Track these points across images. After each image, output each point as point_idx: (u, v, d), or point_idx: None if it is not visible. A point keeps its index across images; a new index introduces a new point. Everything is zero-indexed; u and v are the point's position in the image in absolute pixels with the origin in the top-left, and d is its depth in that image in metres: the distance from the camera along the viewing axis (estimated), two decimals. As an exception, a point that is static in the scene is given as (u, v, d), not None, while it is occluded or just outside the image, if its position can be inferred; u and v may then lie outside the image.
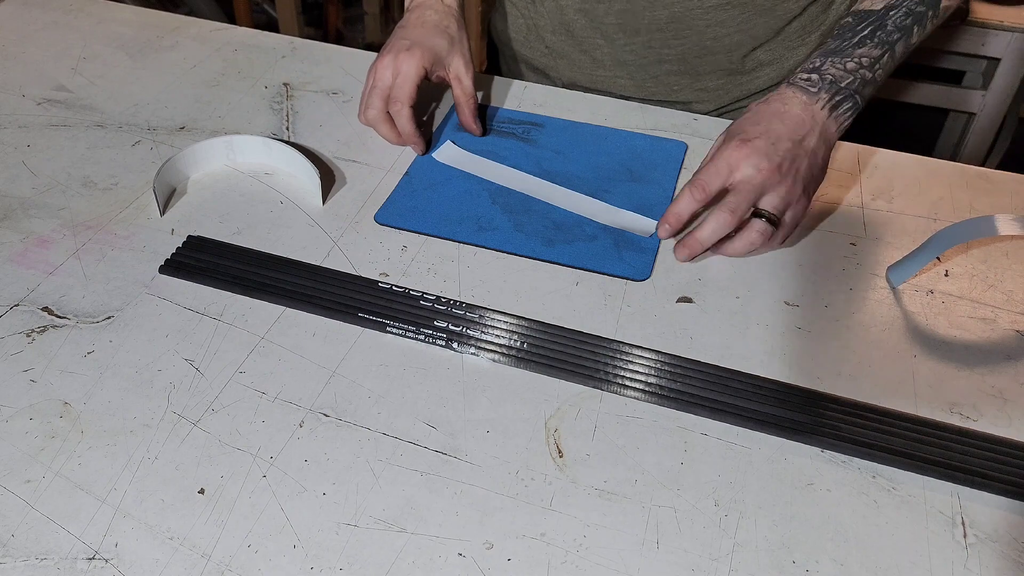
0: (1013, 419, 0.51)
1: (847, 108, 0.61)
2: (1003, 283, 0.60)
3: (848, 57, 0.62)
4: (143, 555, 0.42)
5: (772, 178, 0.58)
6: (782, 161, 0.58)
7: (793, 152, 0.59)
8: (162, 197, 0.64)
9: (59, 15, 0.89)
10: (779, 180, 0.58)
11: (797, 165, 0.58)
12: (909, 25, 0.62)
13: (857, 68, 0.61)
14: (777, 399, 0.51)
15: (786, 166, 0.58)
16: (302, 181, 0.67)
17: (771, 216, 0.58)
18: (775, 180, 0.58)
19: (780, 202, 0.58)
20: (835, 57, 0.62)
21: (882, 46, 0.62)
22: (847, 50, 0.62)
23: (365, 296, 0.56)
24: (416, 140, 0.70)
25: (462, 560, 0.43)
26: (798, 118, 0.60)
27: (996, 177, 0.71)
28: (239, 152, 0.69)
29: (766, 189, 0.58)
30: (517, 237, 0.62)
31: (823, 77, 0.61)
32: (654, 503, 0.46)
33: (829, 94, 0.60)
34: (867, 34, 0.62)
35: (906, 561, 0.44)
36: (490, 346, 0.53)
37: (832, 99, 0.60)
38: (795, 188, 0.58)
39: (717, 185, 0.58)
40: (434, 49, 0.70)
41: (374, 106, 0.69)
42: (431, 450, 0.48)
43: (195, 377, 0.51)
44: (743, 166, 0.58)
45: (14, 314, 0.55)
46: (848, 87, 0.61)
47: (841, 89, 0.61)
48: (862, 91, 0.61)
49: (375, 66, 0.70)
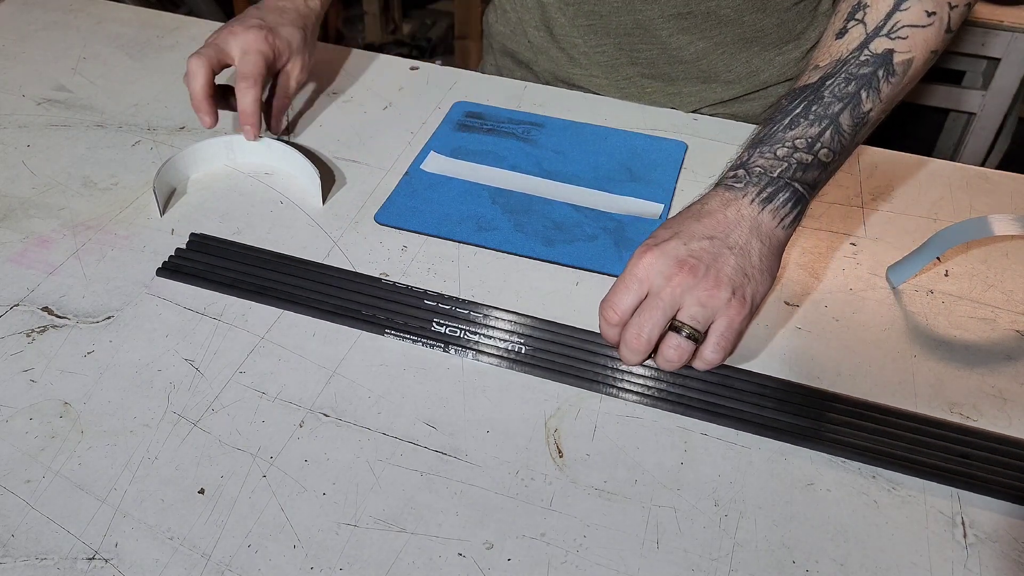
0: (1013, 419, 0.51)
1: (784, 199, 0.51)
2: (1003, 283, 0.60)
3: (778, 143, 0.52)
4: (143, 555, 0.42)
5: (684, 282, 0.49)
6: (697, 262, 0.49)
7: (712, 250, 0.50)
8: (162, 197, 0.64)
9: (59, 15, 0.89)
10: (694, 284, 0.49)
11: (719, 265, 0.49)
12: (852, 92, 0.52)
13: (791, 153, 0.52)
14: (777, 400, 0.51)
15: (702, 266, 0.49)
16: (302, 181, 0.67)
17: (692, 331, 0.49)
18: (689, 284, 0.49)
19: (700, 310, 0.49)
20: (763, 146, 0.53)
21: (820, 122, 0.52)
22: (776, 135, 0.53)
23: (365, 297, 0.56)
24: (253, 122, 0.66)
25: (462, 560, 0.43)
26: (718, 216, 0.51)
27: (996, 177, 0.71)
28: (239, 152, 0.69)
29: (680, 298, 0.49)
30: (517, 237, 0.62)
31: (750, 171, 0.52)
32: (654, 503, 0.46)
33: (757, 188, 0.51)
34: (800, 112, 0.53)
35: (906, 561, 0.44)
36: (490, 349, 0.53)
37: (762, 192, 0.51)
38: (718, 292, 0.48)
39: (629, 303, 0.50)
40: (288, 40, 0.68)
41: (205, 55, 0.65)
42: (431, 450, 0.48)
43: (195, 377, 0.51)
44: (651, 273, 0.49)
45: (14, 314, 0.55)
46: (782, 176, 0.51)
47: (773, 180, 0.51)
48: (802, 178, 0.51)
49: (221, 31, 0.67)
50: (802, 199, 0.52)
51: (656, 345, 0.50)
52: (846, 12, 0.54)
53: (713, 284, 0.49)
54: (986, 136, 1.40)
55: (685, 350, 0.49)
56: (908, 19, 0.52)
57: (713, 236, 0.50)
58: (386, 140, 0.72)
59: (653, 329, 0.49)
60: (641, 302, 0.50)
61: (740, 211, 0.51)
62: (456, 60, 1.47)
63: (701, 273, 0.49)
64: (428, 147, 0.72)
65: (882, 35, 0.52)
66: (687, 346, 0.49)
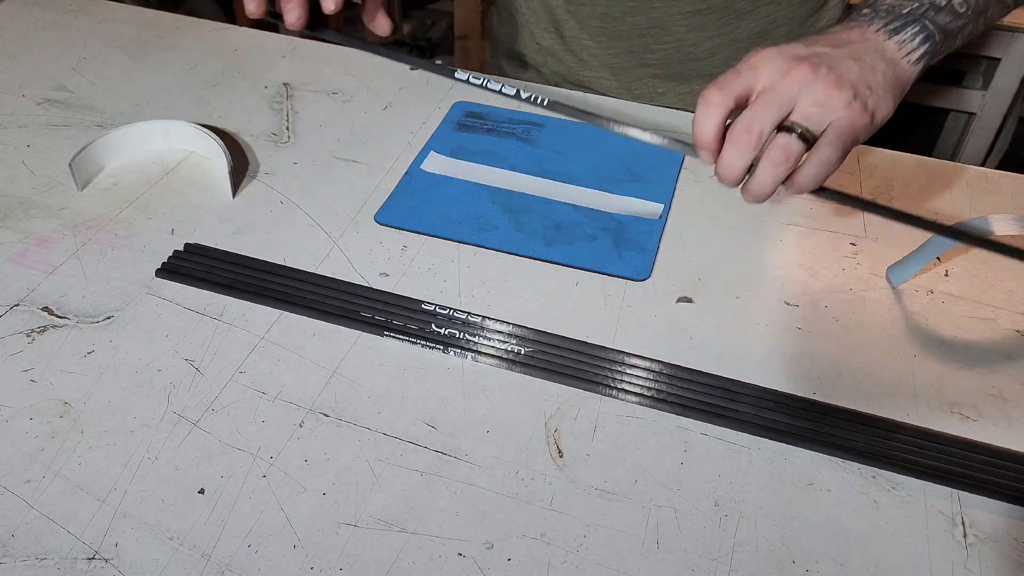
0: (1013, 419, 0.51)
1: (913, 33, 0.48)
2: (1003, 283, 0.60)
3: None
4: (143, 555, 0.42)
5: (802, 77, 0.44)
6: (818, 61, 0.45)
7: (834, 55, 0.46)
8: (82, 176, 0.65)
9: (59, 15, 0.89)
10: (813, 80, 0.44)
11: (840, 69, 0.45)
12: None
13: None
14: (776, 403, 0.51)
15: (824, 65, 0.45)
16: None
17: (804, 131, 0.44)
18: (808, 79, 0.44)
19: (817, 110, 0.44)
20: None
21: None
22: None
23: (363, 303, 0.56)
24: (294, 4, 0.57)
25: (462, 560, 0.43)
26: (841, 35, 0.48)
27: (996, 177, 0.71)
28: (175, 138, 0.70)
29: (795, 94, 0.45)
30: (517, 237, 0.62)
31: (876, 9, 0.50)
32: (654, 503, 0.46)
33: (884, 20, 0.48)
34: None
35: (906, 561, 0.44)
36: (490, 350, 0.53)
37: (889, 24, 0.48)
38: (839, 92, 0.44)
39: (739, 87, 0.46)
40: None
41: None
42: (431, 450, 0.48)
43: (195, 377, 0.51)
44: (766, 66, 0.45)
45: (14, 314, 0.55)
46: (912, 12, 0.48)
47: (902, 15, 0.48)
48: (934, 17, 0.49)
49: None
50: (931, 37, 0.48)
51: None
52: None
53: (834, 83, 0.44)
54: (986, 136, 1.40)
55: (794, 151, 0.44)
56: None
57: (837, 45, 0.47)
58: (386, 140, 0.72)
59: (765, 123, 0.44)
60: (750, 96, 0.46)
61: (865, 34, 0.48)
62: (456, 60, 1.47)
63: (823, 72, 0.44)
64: (428, 147, 0.71)
65: None
66: (797, 147, 0.44)
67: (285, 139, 0.72)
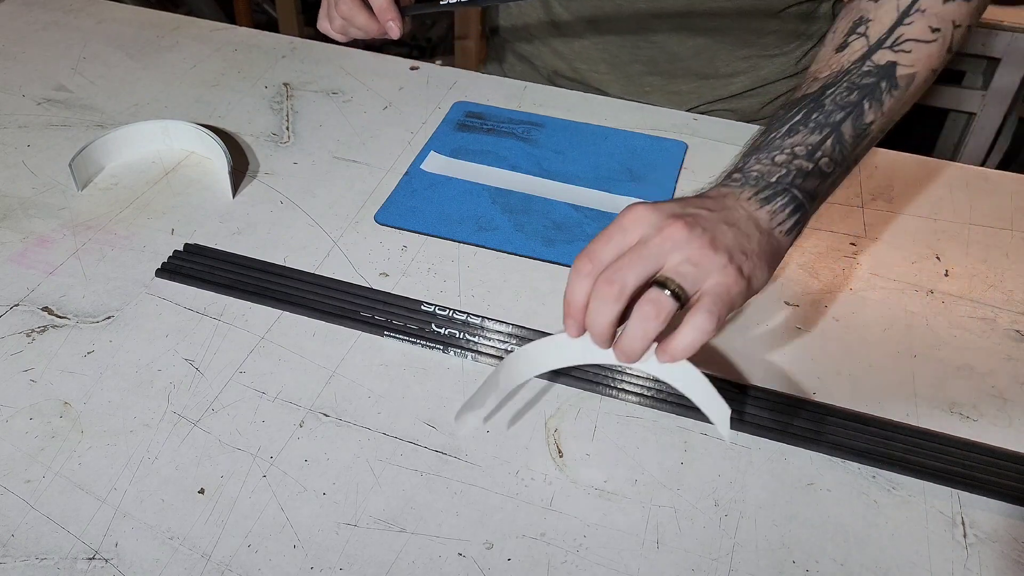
0: (1013, 419, 0.51)
1: (783, 204, 0.47)
2: (1003, 283, 0.60)
3: (776, 150, 0.49)
4: (143, 555, 0.42)
5: (675, 235, 0.42)
6: (693, 221, 0.43)
7: (708, 218, 0.44)
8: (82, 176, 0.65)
9: (59, 15, 0.89)
10: (687, 239, 0.42)
11: (715, 231, 0.43)
12: (855, 100, 0.49)
13: (790, 160, 0.48)
14: (776, 404, 0.51)
15: (698, 226, 0.43)
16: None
17: (677, 288, 0.41)
18: (682, 238, 0.42)
19: (691, 269, 0.42)
20: (760, 153, 0.49)
21: (821, 129, 0.49)
22: (775, 142, 0.49)
23: (363, 303, 0.56)
24: (394, 15, 0.65)
25: (462, 560, 0.43)
26: (716, 200, 0.47)
27: (996, 177, 0.71)
28: (174, 137, 0.70)
29: (667, 251, 0.42)
30: (517, 237, 0.62)
31: (746, 175, 0.48)
32: (654, 503, 0.46)
33: (754, 188, 0.47)
34: (799, 120, 0.49)
35: (906, 561, 0.44)
36: (489, 350, 0.53)
37: (759, 193, 0.47)
38: (714, 254, 0.42)
39: (609, 255, 0.43)
40: None
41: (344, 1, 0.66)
42: (431, 450, 0.48)
43: (195, 377, 0.51)
44: (638, 223, 0.43)
45: (14, 314, 0.55)
46: (780, 181, 0.47)
47: (771, 184, 0.47)
48: (802, 185, 0.47)
49: None
50: (801, 207, 0.47)
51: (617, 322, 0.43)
52: (846, 28, 0.52)
53: (709, 244, 0.42)
54: (986, 136, 1.40)
55: (665, 307, 0.41)
56: (912, 33, 0.50)
57: (712, 209, 0.45)
58: (386, 140, 0.72)
59: (628, 275, 0.41)
60: None
61: (739, 201, 0.46)
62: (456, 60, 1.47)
63: (697, 232, 0.43)
64: (428, 147, 0.72)
65: (885, 47, 0.50)
66: (668, 303, 0.41)
67: (285, 139, 0.72)
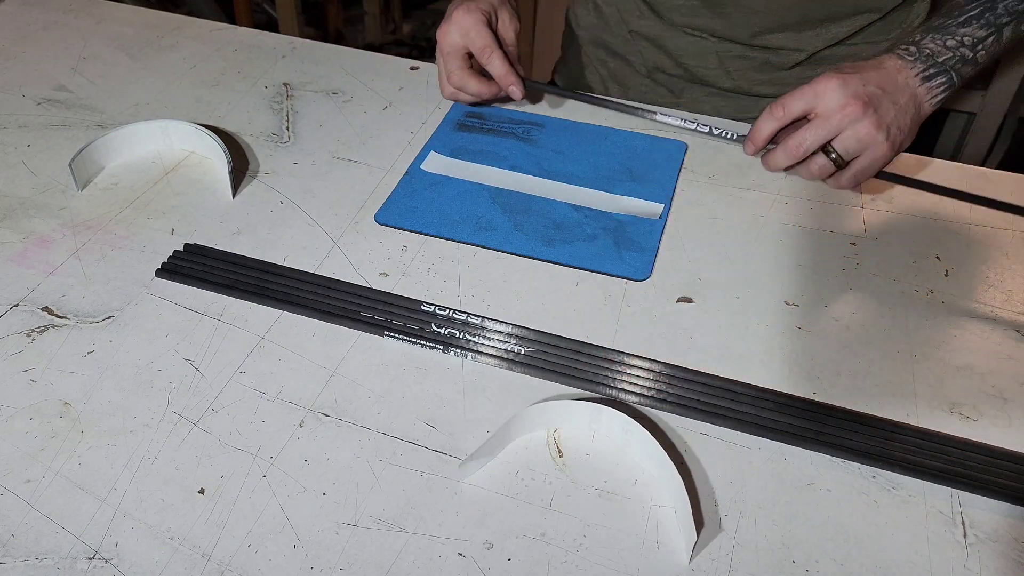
0: (1013, 419, 0.51)
1: (941, 83, 0.60)
2: (1003, 283, 0.60)
3: (950, 35, 0.61)
4: (143, 555, 0.42)
5: (853, 114, 0.58)
6: (869, 101, 0.58)
7: (882, 98, 0.58)
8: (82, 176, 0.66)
9: (59, 15, 0.89)
10: (860, 117, 0.58)
11: (883, 111, 0.58)
12: (1022, 11, 0.61)
13: (958, 46, 0.61)
14: (776, 403, 0.51)
15: (872, 108, 0.58)
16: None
17: (837, 157, 0.59)
18: (856, 116, 0.58)
19: (855, 144, 0.58)
20: (936, 34, 0.61)
21: (988, 28, 0.61)
22: (950, 28, 0.61)
23: (363, 303, 0.56)
24: (515, 79, 0.69)
25: (462, 560, 0.43)
26: (893, 76, 0.60)
27: (996, 177, 0.71)
28: (175, 137, 0.70)
29: (844, 126, 0.58)
30: (517, 237, 0.62)
31: (920, 50, 0.61)
32: (654, 503, 0.46)
33: (924, 65, 0.60)
34: (974, 14, 0.61)
35: (906, 561, 0.44)
36: (489, 350, 0.53)
37: (926, 70, 0.60)
38: (876, 133, 0.58)
39: (799, 108, 0.59)
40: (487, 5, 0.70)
41: (454, 69, 0.69)
42: (431, 450, 0.48)
43: (195, 377, 0.51)
44: (829, 95, 0.58)
45: (14, 314, 0.55)
46: (945, 63, 0.60)
47: (937, 64, 0.60)
48: (960, 69, 0.61)
49: (438, 40, 0.70)
50: (953, 85, 0.61)
51: None
52: None
53: (875, 124, 0.58)
54: (986, 136, 1.40)
55: (826, 171, 0.60)
56: None
57: (885, 89, 0.59)
58: (386, 140, 0.72)
59: (814, 144, 0.59)
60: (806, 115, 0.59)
61: (907, 79, 0.60)
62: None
63: (870, 112, 0.58)
64: (428, 147, 0.72)
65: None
66: (829, 168, 0.60)
67: (285, 139, 0.72)
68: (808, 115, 0.60)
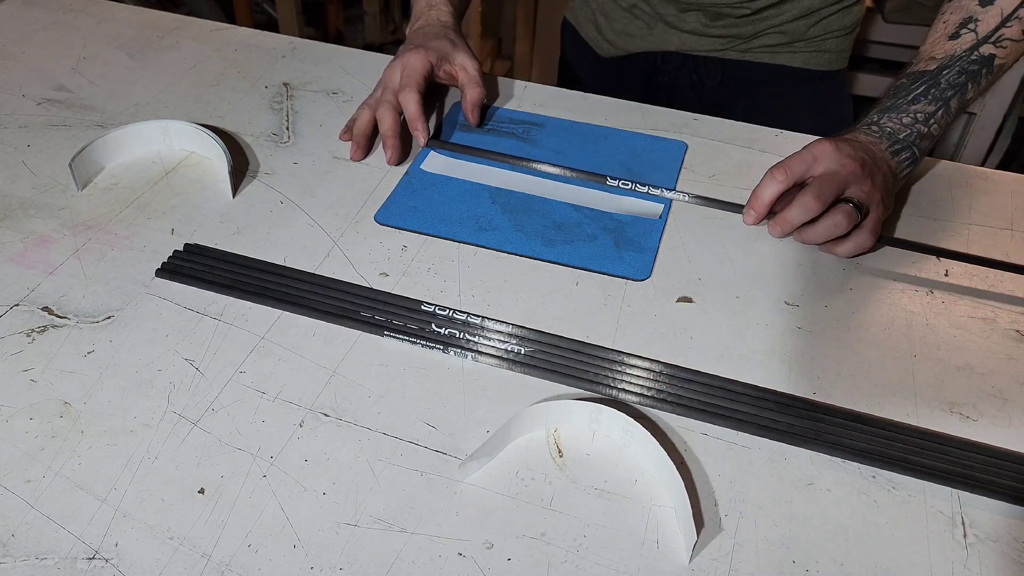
0: (1013, 419, 0.51)
1: (906, 157, 0.63)
2: (1003, 283, 0.60)
3: (904, 113, 0.64)
4: (143, 555, 0.42)
5: (855, 173, 0.59)
6: (864, 162, 0.60)
7: (871, 164, 0.61)
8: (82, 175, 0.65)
9: (59, 15, 0.89)
10: (862, 177, 0.59)
11: (875, 175, 0.60)
12: (963, 83, 0.64)
13: (913, 123, 0.64)
14: (776, 403, 0.51)
15: (868, 168, 0.60)
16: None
17: (858, 203, 0.59)
18: (858, 176, 0.59)
19: (864, 196, 0.59)
20: (891, 113, 0.65)
21: (936, 102, 0.64)
22: (902, 107, 0.65)
23: (363, 303, 0.56)
24: (421, 126, 0.69)
25: (462, 560, 0.43)
26: (870, 147, 0.62)
27: (996, 177, 0.71)
28: (175, 137, 0.70)
29: (849, 183, 0.59)
30: (517, 237, 0.62)
31: (882, 129, 0.64)
32: (654, 503, 0.46)
33: (889, 142, 0.63)
34: (921, 92, 0.65)
35: (906, 561, 0.44)
36: (489, 350, 0.53)
37: (892, 146, 0.63)
38: (875, 191, 0.60)
39: (800, 171, 0.60)
40: (438, 48, 0.73)
41: (385, 100, 0.70)
42: (431, 450, 0.48)
43: (195, 377, 0.51)
44: (826, 158, 0.60)
45: (14, 314, 0.55)
46: (906, 139, 0.63)
47: (899, 140, 0.63)
48: (919, 144, 0.64)
49: (383, 73, 0.73)
50: (915, 159, 0.64)
51: None
52: (958, 21, 0.66)
53: (872, 184, 0.60)
54: (986, 136, 1.40)
55: (853, 218, 0.59)
56: (1010, 34, 0.65)
57: (871, 155, 0.62)
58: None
59: (830, 196, 0.58)
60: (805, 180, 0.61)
61: (882, 152, 0.63)
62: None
63: (866, 172, 0.60)
64: (428, 147, 0.72)
65: (988, 43, 0.65)
66: (855, 215, 0.59)
67: (285, 139, 0.72)
68: (806, 180, 0.61)
